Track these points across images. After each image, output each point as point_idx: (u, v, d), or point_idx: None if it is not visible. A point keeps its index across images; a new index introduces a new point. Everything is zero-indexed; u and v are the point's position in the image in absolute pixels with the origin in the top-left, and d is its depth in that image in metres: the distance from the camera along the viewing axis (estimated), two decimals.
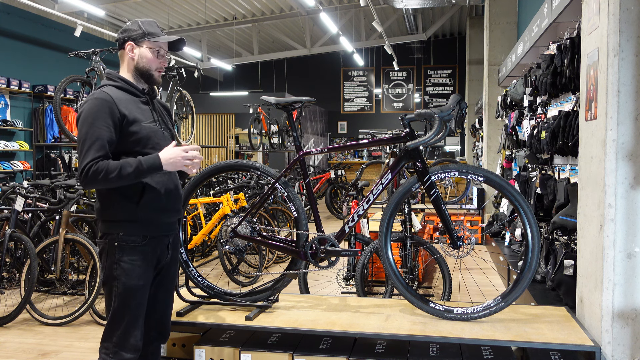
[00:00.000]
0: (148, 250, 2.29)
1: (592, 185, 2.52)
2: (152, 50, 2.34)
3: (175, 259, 2.51)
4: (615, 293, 2.35)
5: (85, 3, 9.18)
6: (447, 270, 4.01)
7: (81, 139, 2.19)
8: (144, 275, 2.28)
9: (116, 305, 2.25)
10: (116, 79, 2.34)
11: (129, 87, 2.33)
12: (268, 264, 6.06)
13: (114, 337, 2.25)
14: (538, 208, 4.35)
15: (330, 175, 10.98)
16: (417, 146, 2.66)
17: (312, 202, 2.93)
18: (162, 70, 2.40)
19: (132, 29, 2.33)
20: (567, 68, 3.57)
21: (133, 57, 2.34)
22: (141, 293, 2.28)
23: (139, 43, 2.32)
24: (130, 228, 2.26)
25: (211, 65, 15.04)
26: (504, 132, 6.44)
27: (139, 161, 2.19)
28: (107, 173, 2.14)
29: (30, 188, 5.70)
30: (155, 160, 2.21)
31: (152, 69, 2.35)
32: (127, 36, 2.33)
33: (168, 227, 2.40)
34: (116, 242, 2.25)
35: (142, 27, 2.33)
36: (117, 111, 2.23)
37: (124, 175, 2.16)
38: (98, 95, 2.24)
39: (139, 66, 2.34)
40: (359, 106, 19.70)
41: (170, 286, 2.50)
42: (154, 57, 2.35)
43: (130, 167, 2.17)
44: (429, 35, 15.90)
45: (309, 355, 2.61)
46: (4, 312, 4.42)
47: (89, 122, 2.19)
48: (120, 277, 2.24)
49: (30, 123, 10.09)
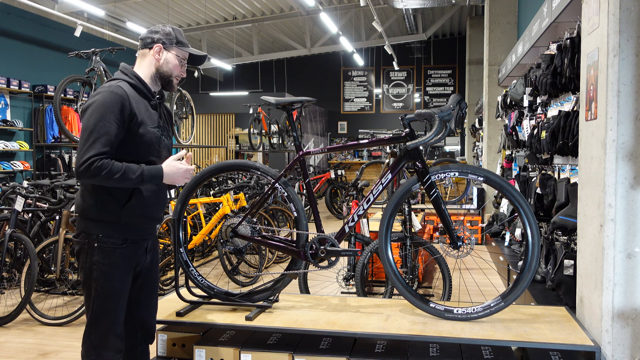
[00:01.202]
0: (127, 253, 2.26)
1: (592, 185, 2.52)
2: (178, 58, 2.34)
3: (155, 262, 2.47)
4: (615, 293, 2.35)
5: (85, 3, 9.18)
6: (447, 270, 4.01)
7: (88, 129, 2.12)
8: (123, 277, 2.25)
9: (95, 308, 2.22)
10: (132, 76, 2.29)
11: (142, 88, 2.29)
12: (268, 264, 6.06)
13: (94, 339, 2.22)
14: (538, 208, 4.36)
15: (330, 175, 10.98)
16: (417, 146, 2.66)
17: (312, 202, 2.93)
18: (179, 79, 2.39)
19: (164, 32, 2.31)
20: (567, 68, 3.57)
21: (158, 59, 2.31)
22: (120, 295, 2.25)
23: (168, 48, 2.31)
24: (110, 230, 2.22)
25: (211, 65, 15.04)
26: (504, 132, 6.44)
27: (143, 170, 2.17)
28: (111, 172, 2.10)
29: (30, 188, 5.70)
30: (159, 172, 2.22)
31: (173, 75, 2.34)
32: (158, 38, 2.31)
33: (148, 231, 2.37)
34: (95, 243, 2.21)
35: (174, 34, 2.33)
36: (130, 109, 2.18)
37: (125, 179, 2.13)
38: (114, 89, 2.18)
39: (162, 70, 2.32)
40: (359, 106, 19.70)
41: (152, 289, 2.47)
42: (178, 65, 2.34)
43: (134, 173, 2.14)
44: (429, 35, 15.91)
45: (309, 355, 2.61)
46: (4, 312, 4.42)
47: (101, 113, 2.13)
48: (99, 279, 2.20)
49: (30, 123, 10.09)
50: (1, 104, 9.41)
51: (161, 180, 2.23)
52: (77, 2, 9.01)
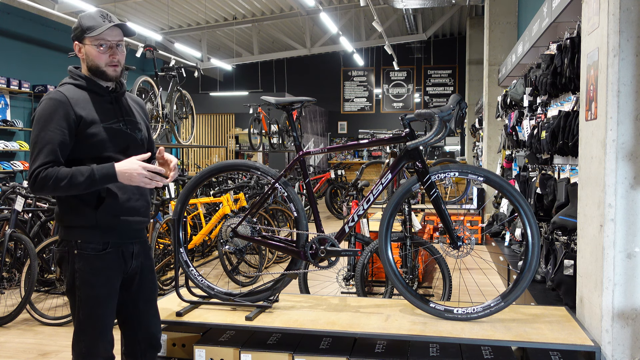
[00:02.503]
0: (109, 258, 2.17)
1: (592, 185, 2.52)
2: (95, 46, 2.14)
3: (148, 268, 2.36)
4: (615, 293, 2.35)
5: (85, 3, 9.18)
6: (447, 270, 4.01)
7: (32, 141, 2.08)
8: (108, 283, 2.17)
9: (81, 316, 2.15)
10: (77, 76, 2.20)
11: (91, 87, 2.18)
12: (268, 264, 6.06)
13: (82, 347, 2.16)
14: (538, 208, 4.35)
15: (330, 175, 10.98)
16: (417, 146, 2.66)
17: (312, 202, 2.93)
18: (116, 65, 2.18)
19: (75, 28, 2.16)
20: (567, 68, 3.57)
21: (82, 57, 2.18)
22: (107, 302, 2.17)
23: (82, 41, 2.16)
24: (89, 235, 2.14)
25: (211, 65, 15.04)
26: (504, 132, 6.44)
27: (92, 170, 2.05)
28: (57, 180, 2.01)
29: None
30: (109, 170, 2.07)
31: (101, 66, 2.16)
32: (73, 36, 2.18)
33: (131, 234, 2.26)
34: (75, 250, 2.14)
35: (81, 23, 2.14)
36: (73, 112, 2.09)
37: (74, 184, 2.03)
38: (53, 95, 2.11)
39: (89, 65, 2.17)
40: (359, 106, 19.70)
41: (150, 297, 2.38)
42: (99, 53, 2.15)
43: (82, 175, 2.03)
44: (429, 35, 15.90)
45: (309, 355, 2.61)
46: (4, 312, 4.42)
47: (41, 124, 2.07)
48: (82, 287, 2.13)
49: (30, 123, 10.08)
50: (1, 104, 9.41)
51: (115, 177, 2.07)
52: (77, 2, 9.01)
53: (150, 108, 6.38)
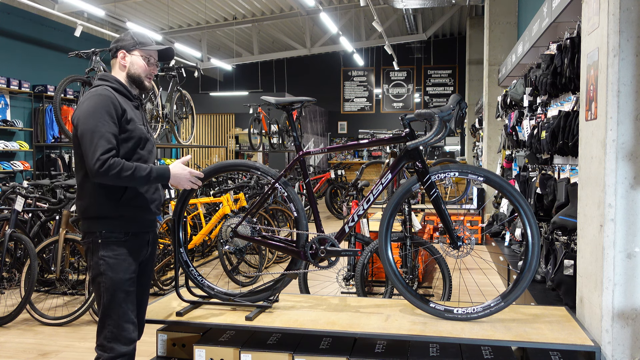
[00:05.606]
0: (130, 246, 2.38)
1: (592, 185, 2.52)
2: (143, 58, 2.46)
3: (153, 255, 2.59)
4: (615, 293, 2.35)
5: (85, 3, 9.18)
6: (447, 270, 4.01)
7: (89, 131, 2.24)
8: (130, 269, 2.37)
9: (106, 301, 2.32)
10: (112, 80, 2.42)
11: (124, 90, 2.43)
12: (268, 264, 6.07)
13: (107, 332, 2.32)
14: (538, 208, 4.35)
15: (330, 175, 10.98)
16: (417, 146, 2.66)
17: (312, 202, 2.93)
18: (151, 78, 2.52)
19: (124, 39, 2.46)
20: (567, 68, 3.57)
21: (125, 64, 2.45)
22: (129, 285, 2.36)
23: (131, 51, 2.44)
24: (112, 225, 2.34)
25: (211, 65, 15.04)
26: (504, 132, 6.44)
27: (151, 169, 2.31)
28: (122, 170, 2.22)
29: (30, 188, 5.70)
30: (165, 172, 2.36)
31: (142, 76, 2.47)
32: (120, 45, 2.45)
33: (149, 223, 2.50)
34: (99, 240, 2.33)
35: (134, 38, 2.46)
36: (119, 106, 2.32)
37: (135, 178, 2.25)
38: (101, 91, 2.32)
39: (130, 72, 2.45)
40: (359, 106, 19.70)
41: (146, 283, 2.58)
42: (145, 65, 2.46)
43: (143, 171, 2.28)
44: (429, 35, 15.90)
45: (309, 355, 2.61)
46: (4, 312, 4.42)
47: (97, 116, 2.25)
48: (106, 272, 2.32)
49: (30, 123, 10.09)
50: (1, 104, 9.41)
51: (167, 180, 2.37)
52: (77, 2, 9.02)
53: (150, 108, 6.39)
